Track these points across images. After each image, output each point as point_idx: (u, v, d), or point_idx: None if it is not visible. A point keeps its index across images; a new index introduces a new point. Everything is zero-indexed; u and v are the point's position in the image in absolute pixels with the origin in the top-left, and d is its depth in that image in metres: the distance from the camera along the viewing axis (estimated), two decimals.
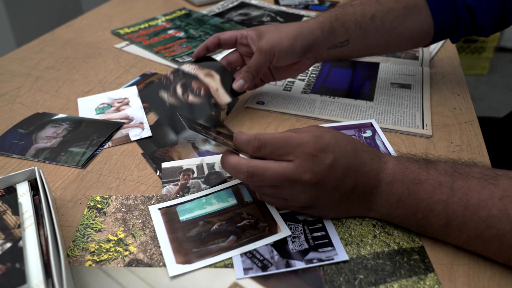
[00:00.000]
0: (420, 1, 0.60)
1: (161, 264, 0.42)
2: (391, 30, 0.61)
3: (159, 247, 0.43)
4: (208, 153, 0.57)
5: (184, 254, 0.43)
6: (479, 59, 2.40)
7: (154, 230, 0.45)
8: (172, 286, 0.40)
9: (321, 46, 0.60)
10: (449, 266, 0.41)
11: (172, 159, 0.56)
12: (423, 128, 0.59)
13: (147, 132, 0.61)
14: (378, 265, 0.41)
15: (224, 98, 0.61)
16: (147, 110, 0.67)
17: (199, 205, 0.49)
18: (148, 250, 0.43)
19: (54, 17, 1.99)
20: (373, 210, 0.44)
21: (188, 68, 0.64)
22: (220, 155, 0.56)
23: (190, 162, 0.55)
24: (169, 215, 0.47)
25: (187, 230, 0.45)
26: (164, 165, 0.55)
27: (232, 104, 0.68)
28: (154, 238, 0.44)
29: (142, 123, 0.64)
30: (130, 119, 0.65)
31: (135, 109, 0.67)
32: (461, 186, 0.40)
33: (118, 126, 0.63)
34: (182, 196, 0.50)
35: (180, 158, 0.56)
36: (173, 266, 0.41)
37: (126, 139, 0.60)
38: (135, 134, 0.61)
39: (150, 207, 0.48)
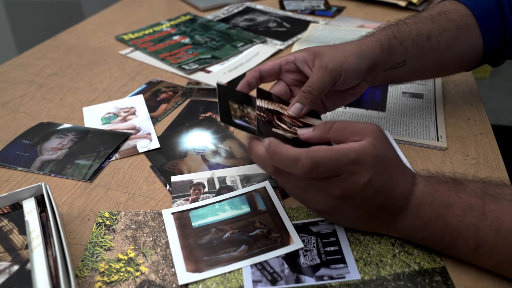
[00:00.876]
0: (471, 21, 0.58)
1: (174, 286, 0.40)
2: (445, 51, 0.58)
3: (172, 267, 0.42)
4: (218, 166, 0.56)
5: (195, 262, 0.42)
6: None
7: (165, 248, 0.44)
8: None
9: (380, 67, 0.54)
10: None
11: (181, 172, 0.55)
12: (437, 140, 0.58)
13: (155, 144, 0.60)
14: (399, 287, 0.40)
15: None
16: (154, 120, 0.65)
17: (212, 211, 0.48)
18: (160, 271, 0.42)
19: (55, 23, 1.97)
20: (395, 230, 0.43)
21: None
22: (232, 168, 0.55)
23: (200, 176, 0.54)
24: (182, 220, 0.46)
25: (199, 237, 0.44)
26: (174, 178, 0.54)
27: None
28: (166, 257, 0.43)
29: (149, 133, 0.62)
30: (137, 130, 0.63)
31: (142, 119, 0.65)
32: (492, 209, 0.39)
33: (125, 137, 0.61)
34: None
35: (190, 171, 0.55)
36: (183, 274, 0.41)
37: (134, 151, 0.59)
38: (142, 145, 0.60)
39: (163, 211, 0.48)
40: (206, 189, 0.52)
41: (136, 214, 0.48)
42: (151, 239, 0.45)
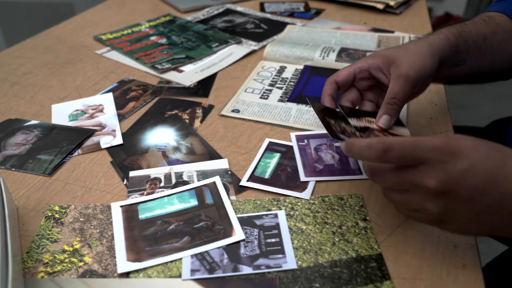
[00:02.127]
0: None
1: (115, 275, 0.41)
2: (498, 53, 0.60)
3: (115, 257, 0.42)
4: (178, 161, 0.56)
5: (137, 252, 0.42)
6: None
7: (111, 240, 0.44)
8: None
9: (445, 64, 0.55)
10: (411, 280, 0.40)
11: (140, 168, 0.55)
12: None
13: (118, 140, 0.61)
14: (335, 273, 0.40)
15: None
16: (120, 117, 0.66)
17: (161, 204, 0.48)
18: (104, 261, 0.42)
19: (48, 24, 1.99)
20: None
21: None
22: (190, 164, 0.55)
23: (158, 171, 0.54)
24: (130, 212, 0.47)
25: (144, 229, 0.45)
26: (132, 173, 0.54)
27: (207, 112, 0.67)
28: (111, 248, 0.43)
29: (114, 130, 0.63)
30: (102, 126, 0.64)
31: (109, 116, 0.66)
32: None
33: (89, 133, 0.62)
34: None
35: (149, 167, 0.56)
36: (123, 263, 0.41)
37: (97, 147, 0.59)
38: (106, 141, 0.60)
39: (112, 204, 0.48)
40: (162, 184, 0.52)
41: (86, 207, 0.49)
42: (98, 231, 0.45)
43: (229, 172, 0.54)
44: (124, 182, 0.53)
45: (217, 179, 0.51)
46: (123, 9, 1.13)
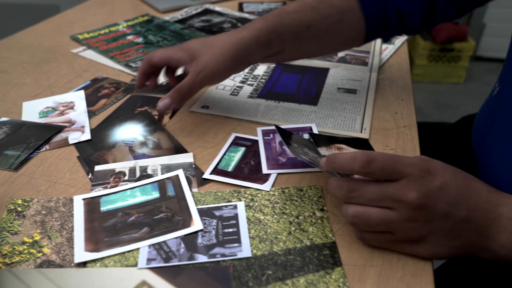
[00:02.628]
0: (354, 4, 0.61)
1: (72, 265, 0.41)
2: (325, 37, 0.61)
3: (74, 248, 0.43)
4: (144, 156, 0.57)
5: (95, 242, 0.43)
6: (456, 68, 2.43)
7: (71, 232, 0.45)
8: (79, 286, 0.39)
9: (256, 57, 0.59)
10: (361, 267, 0.41)
11: (106, 162, 0.56)
12: (361, 132, 0.60)
13: (86, 136, 0.61)
14: (288, 260, 0.41)
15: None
16: (91, 114, 0.66)
17: (123, 197, 0.49)
18: (62, 252, 0.43)
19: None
20: (489, 250, 0.39)
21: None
22: (155, 158, 0.56)
23: (123, 165, 0.55)
24: (92, 205, 0.48)
25: (105, 221, 0.46)
26: (97, 168, 0.55)
27: (177, 108, 0.68)
28: (70, 239, 0.44)
29: (83, 126, 0.63)
30: (72, 123, 0.64)
31: (79, 113, 0.67)
32: None
33: (58, 129, 0.62)
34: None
35: (115, 161, 0.56)
36: (80, 253, 0.42)
37: (64, 143, 0.60)
38: (74, 137, 0.61)
39: (75, 197, 0.49)
40: (126, 177, 0.53)
41: (48, 200, 0.49)
42: (59, 223, 0.46)
43: (193, 166, 0.54)
44: (89, 176, 0.54)
45: (180, 172, 0.52)
46: (102, 9, 1.13)
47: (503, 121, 0.53)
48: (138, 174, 0.54)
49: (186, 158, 0.56)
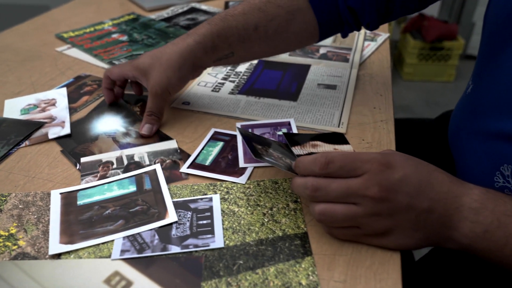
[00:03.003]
0: (303, 4, 0.61)
1: (47, 257, 0.42)
2: (276, 38, 0.61)
3: (49, 240, 0.43)
4: (129, 145, 0.58)
5: (70, 235, 0.44)
6: (446, 66, 2.45)
7: (47, 225, 0.46)
8: (52, 277, 0.40)
9: (206, 62, 0.61)
10: (331, 256, 0.42)
11: (92, 153, 0.57)
12: (338, 126, 0.61)
13: (66, 130, 0.62)
14: (259, 250, 0.42)
15: None
16: (72, 111, 0.67)
17: (100, 191, 0.50)
18: (37, 244, 0.43)
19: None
20: (453, 240, 0.40)
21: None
22: (140, 146, 0.57)
23: (109, 155, 0.56)
24: (68, 199, 0.48)
25: (81, 214, 0.46)
26: (84, 159, 0.56)
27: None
28: (46, 232, 0.45)
29: (64, 122, 0.64)
30: (53, 119, 0.65)
31: (60, 109, 0.67)
32: None
33: (38, 125, 0.63)
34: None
35: (101, 152, 0.57)
36: (55, 245, 0.43)
37: (44, 138, 0.60)
38: (54, 132, 0.61)
39: (52, 192, 0.49)
40: (114, 166, 0.54)
41: (26, 195, 0.50)
42: (35, 217, 0.47)
43: (178, 151, 0.56)
44: (77, 167, 0.54)
45: (157, 167, 0.53)
46: (89, 8, 1.14)
47: (475, 118, 0.54)
48: (125, 162, 0.55)
49: (171, 144, 0.58)
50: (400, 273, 0.40)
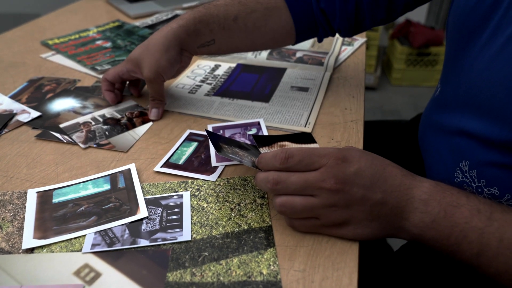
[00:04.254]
0: (280, 3, 0.64)
1: (20, 251, 0.44)
2: (254, 31, 0.64)
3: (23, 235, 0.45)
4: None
5: (44, 230, 0.45)
6: (433, 71, 2.49)
7: (22, 222, 0.47)
8: (24, 270, 0.42)
9: (191, 46, 0.64)
10: (293, 247, 0.44)
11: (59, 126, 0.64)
12: (305, 126, 0.63)
13: (35, 113, 0.68)
14: (225, 243, 0.44)
15: None
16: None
17: (76, 190, 0.52)
18: (12, 240, 0.45)
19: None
20: (405, 230, 0.42)
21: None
22: (106, 108, 0.66)
23: (84, 118, 0.65)
24: (44, 198, 0.50)
25: (55, 211, 0.48)
26: (63, 125, 0.64)
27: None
28: (21, 229, 0.46)
29: (24, 109, 0.69)
30: (9, 111, 0.69)
31: (8, 103, 0.71)
32: (499, 217, 0.40)
33: (12, 116, 0.67)
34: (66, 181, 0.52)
35: (67, 121, 0.65)
36: (28, 240, 0.44)
37: (19, 123, 0.66)
38: (24, 117, 0.67)
39: (29, 191, 0.51)
40: (94, 124, 0.64)
41: (3, 194, 0.51)
42: (11, 214, 0.48)
43: (138, 105, 0.66)
44: (63, 139, 0.57)
45: (132, 166, 0.55)
46: (75, 16, 1.16)
47: (440, 117, 0.57)
48: (101, 120, 0.63)
49: (130, 103, 0.69)
50: (357, 262, 0.42)
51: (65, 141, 0.61)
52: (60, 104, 0.70)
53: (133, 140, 0.61)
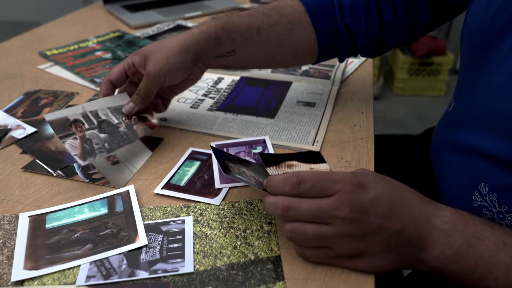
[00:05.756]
0: (304, 17, 0.62)
1: (9, 284, 0.40)
2: (276, 44, 0.61)
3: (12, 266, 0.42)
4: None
5: (35, 260, 0.42)
6: (436, 81, 2.47)
7: (12, 250, 0.44)
8: None
9: (208, 55, 0.59)
10: (303, 280, 0.41)
11: (49, 149, 0.60)
12: (313, 144, 0.60)
13: (30, 129, 0.65)
14: (230, 275, 0.41)
15: None
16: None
17: (70, 214, 0.48)
18: (0, 270, 0.42)
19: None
20: (424, 262, 0.39)
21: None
22: (98, 100, 0.59)
23: (73, 112, 0.57)
24: (37, 222, 0.47)
25: (48, 238, 0.45)
26: (48, 117, 0.54)
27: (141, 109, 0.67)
28: (11, 257, 0.43)
29: (19, 125, 0.66)
30: (4, 126, 0.66)
31: (3, 117, 0.68)
32: None
33: (5, 131, 0.64)
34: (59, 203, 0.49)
35: (57, 149, 0.60)
36: (18, 271, 0.41)
37: (14, 139, 0.63)
38: (19, 134, 0.64)
39: (21, 215, 0.48)
40: (86, 126, 0.56)
41: None
42: (1, 241, 0.45)
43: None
44: (54, 174, 0.53)
45: (131, 188, 0.52)
46: (75, 26, 1.14)
47: (455, 134, 0.54)
48: (93, 119, 0.57)
49: (122, 96, 0.61)
50: None
51: (55, 175, 0.55)
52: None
53: (130, 174, 0.55)
